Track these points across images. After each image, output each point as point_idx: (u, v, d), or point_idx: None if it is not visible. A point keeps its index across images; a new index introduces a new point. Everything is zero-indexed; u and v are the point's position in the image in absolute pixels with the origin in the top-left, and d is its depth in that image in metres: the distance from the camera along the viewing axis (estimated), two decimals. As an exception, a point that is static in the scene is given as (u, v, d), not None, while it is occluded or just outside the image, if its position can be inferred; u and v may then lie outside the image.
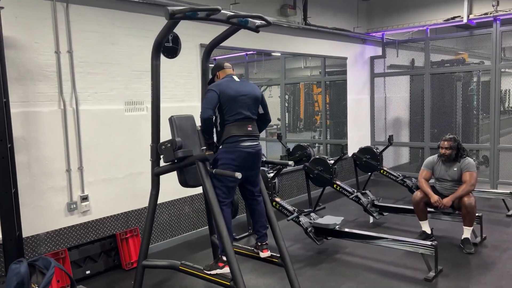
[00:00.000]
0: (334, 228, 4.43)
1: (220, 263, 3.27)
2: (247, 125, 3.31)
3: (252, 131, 3.33)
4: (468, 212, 4.41)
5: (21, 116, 3.72)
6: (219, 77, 3.49)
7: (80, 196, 4.16)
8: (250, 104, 3.36)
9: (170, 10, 2.98)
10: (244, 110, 3.31)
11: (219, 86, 3.30)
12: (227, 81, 3.36)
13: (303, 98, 10.49)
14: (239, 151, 3.26)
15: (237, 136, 3.25)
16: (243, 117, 3.30)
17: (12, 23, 3.63)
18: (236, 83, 3.37)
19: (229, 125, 3.28)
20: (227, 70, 3.49)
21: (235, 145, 3.26)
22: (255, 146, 3.34)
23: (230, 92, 3.27)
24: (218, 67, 3.51)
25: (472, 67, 7.90)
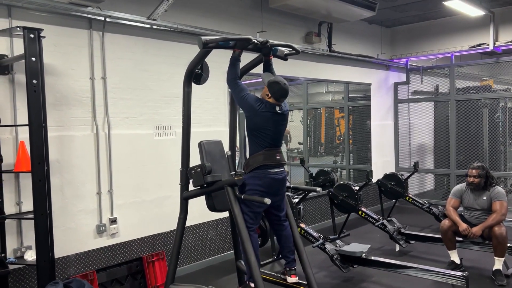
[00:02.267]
0: (360, 256, 4.38)
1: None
2: (275, 154, 3.32)
3: (280, 159, 3.35)
4: (499, 243, 4.30)
5: (56, 139, 3.85)
6: (269, 97, 3.26)
7: (109, 219, 4.24)
8: (280, 135, 3.37)
9: (204, 40, 3.09)
10: (275, 141, 3.33)
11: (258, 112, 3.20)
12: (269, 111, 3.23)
13: (324, 123, 10.53)
14: (266, 177, 3.29)
15: (266, 166, 3.28)
16: (272, 146, 3.33)
17: (51, 51, 3.81)
18: (276, 117, 3.26)
19: (259, 154, 3.28)
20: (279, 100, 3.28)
21: (263, 171, 3.29)
22: (281, 172, 3.38)
23: (264, 125, 3.23)
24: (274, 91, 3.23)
25: (499, 94, 7.82)
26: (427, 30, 7.63)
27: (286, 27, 6.00)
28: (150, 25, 4.39)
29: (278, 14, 5.74)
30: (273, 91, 3.20)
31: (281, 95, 3.21)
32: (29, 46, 3.18)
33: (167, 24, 4.49)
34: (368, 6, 5.77)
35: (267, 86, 3.24)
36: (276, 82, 3.20)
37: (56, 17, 3.84)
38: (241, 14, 5.40)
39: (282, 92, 3.21)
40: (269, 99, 3.23)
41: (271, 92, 3.21)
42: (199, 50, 3.32)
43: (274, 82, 3.21)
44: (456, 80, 7.64)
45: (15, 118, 3.63)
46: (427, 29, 7.64)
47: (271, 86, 3.21)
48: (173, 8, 4.36)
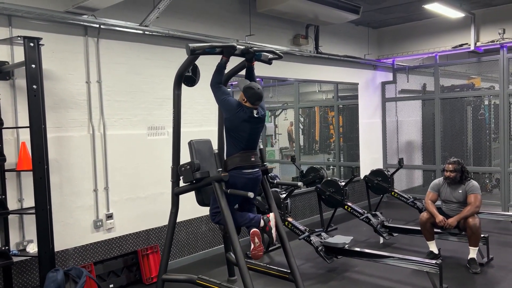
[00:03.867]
0: (343, 247, 4.64)
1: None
2: (251, 156, 3.55)
3: (254, 161, 3.58)
4: (473, 233, 4.58)
5: (55, 140, 4.09)
6: (245, 101, 3.47)
7: (105, 214, 4.49)
8: (256, 138, 3.60)
9: (191, 47, 3.34)
10: (251, 143, 3.56)
11: (236, 115, 3.43)
12: (247, 115, 3.43)
13: (318, 121, 10.77)
14: (241, 177, 3.53)
15: (241, 168, 3.52)
16: (249, 149, 3.55)
17: (49, 57, 4.05)
18: (253, 120, 3.48)
19: (235, 156, 3.51)
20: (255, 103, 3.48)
21: (238, 171, 3.53)
22: (255, 172, 3.62)
23: (241, 127, 3.45)
24: (249, 96, 3.44)
25: (481, 92, 8.12)
26: (412, 31, 7.90)
27: (274, 30, 6.25)
28: (143, 31, 4.64)
29: (266, 18, 5.99)
30: (248, 95, 3.44)
31: (256, 99, 3.46)
32: (29, 54, 3.43)
33: (158, 30, 4.73)
34: (352, 10, 6.03)
35: (242, 91, 3.48)
36: (251, 88, 3.46)
37: (54, 25, 4.08)
38: (230, 18, 5.65)
39: (257, 96, 3.45)
40: (245, 103, 3.47)
41: (246, 96, 3.45)
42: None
43: (249, 87, 3.47)
44: (443, 79, 7.92)
45: (16, 120, 3.87)
46: (412, 30, 7.90)
47: (246, 91, 3.46)
48: (164, 14, 4.60)
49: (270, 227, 3.53)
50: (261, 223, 3.54)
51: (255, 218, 3.57)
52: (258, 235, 3.47)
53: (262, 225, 3.54)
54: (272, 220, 3.53)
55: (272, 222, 3.53)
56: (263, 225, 3.54)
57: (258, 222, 3.55)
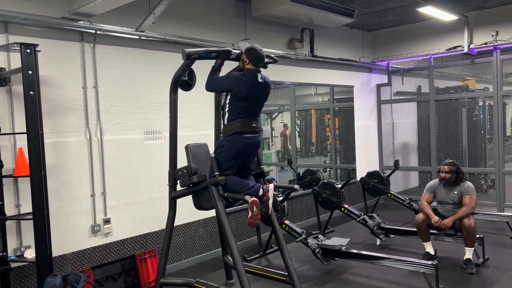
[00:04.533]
0: (340, 249, 4.67)
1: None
2: (252, 121, 3.57)
3: (255, 127, 3.60)
4: (468, 233, 4.62)
5: (51, 146, 4.11)
6: (247, 63, 3.49)
7: (103, 219, 4.50)
8: (261, 104, 3.63)
9: (187, 52, 3.37)
10: (254, 110, 3.59)
11: (242, 82, 3.44)
12: (251, 80, 3.45)
13: (315, 124, 10.82)
14: (240, 141, 3.54)
15: (242, 132, 3.53)
16: (251, 115, 3.57)
17: (46, 63, 4.06)
18: (258, 86, 3.51)
19: (236, 121, 3.51)
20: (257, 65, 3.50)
21: (238, 136, 3.54)
22: (256, 137, 3.64)
23: (249, 95, 3.47)
24: (252, 57, 3.45)
25: (475, 93, 8.17)
26: (407, 34, 7.96)
27: (270, 34, 6.29)
28: (139, 36, 4.67)
29: (261, 22, 6.03)
30: (251, 57, 3.46)
31: (258, 60, 3.47)
32: (26, 61, 3.45)
33: (154, 35, 4.76)
34: (346, 14, 6.08)
35: (244, 53, 3.49)
36: (253, 49, 3.47)
37: (50, 31, 4.10)
38: (226, 23, 5.68)
39: (260, 57, 3.47)
40: (247, 65, 3.49)
41: (249, 58, 3.47)
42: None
43: (251, 48, 3.48)
44: (438, 80, 7.99)
45: (13, 126, 3.88)
46: (406, 33, 7.97)
47: (248, 52, 3.47)
48: (160, 19, 4.63)
49: (268, 197, 3.55)
50: (260, 192, 3.55)
51: (255, 187, 3.57)
52: (257, 204, 3.47)
53: (260, 194, 3.55)
54: (270, 191, 3.55)
55: (270, 192, 3.54)
56: (262, 194, 3.56)
57: (257, 191, 3.55)
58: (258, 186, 3.58)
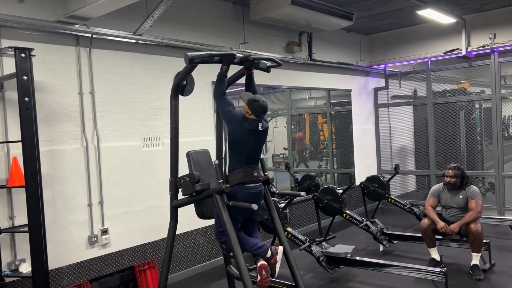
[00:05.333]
0: (345, 257, 4.56)
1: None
2: (253, 171, 3.46)
3: (257, 176, 3.49)
4: (475, 239, 4.53)
5: (47, 154, 3.95)
6: (249, 114, 3.37)
7: (100, 229, 4.34)
8: (260, 149, 3.52)
9: (190, 56, 3.25)
10: (253, 157, 3.47)
11: (241, 127, 3.33)
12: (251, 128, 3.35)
13: (308, 128, 10.74)
14: (243, 191, 3.43)
15: (244, 183, 3.42)
16: (251, 163, 3.46)
17: (40, 69, 3.91)
18: (257, 133, 3.40)
19: (238, 171, 3.41)
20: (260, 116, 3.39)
21: (241, 187, 3.43)
22: (258, 187, 3.53)
23: (244, 140, 3.36)
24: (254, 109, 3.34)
25: (473, 96, 8.13)
26: (404, 37, 7.92)
27: (268, 38, 6.19)
28: (136, 40, 4.53)
29: (259, 26, 5.93)
30: (253, 108, 3.35)
31: (261, 111, 3.37)
32: (20, 65, 3.30)
33: (152, 38, 4.63)
34: (345, 16, 6.00)
35: (247, 104, 3.39)
36: (255, 100, 3.37)
37: (44, 35, 3.96)
38: (224, 26, 5.57)
39: (262, 109, 3.37)
40: (249, 116, 3.38)
41: (251, 109, 3.36)
42: (184, 64, 3.46)
43: (253, 100, 3.38)
44: (433, 84, 7.94)
45: (6, 134, 3.72)
46: (403, 36, 7.93)
47: (250, 104, 3.37)
48: (158, 23, 4.50)
49: (276, 260, 3.43)
50: (268, 254, 3.43)
51: (263, 247, 3.44)
52: (266, 268, 3.36)
53: (268, 255, 3.43)
54: (279, 254, 3.44)
55: (279, 255, 3.43)
56: (269, 256, 3.44)
57: (265, 252, 3.43)
58: (267, 247, 3.46)
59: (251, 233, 3.70)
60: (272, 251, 3.42)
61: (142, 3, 4.47)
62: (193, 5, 5.20)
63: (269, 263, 3.39)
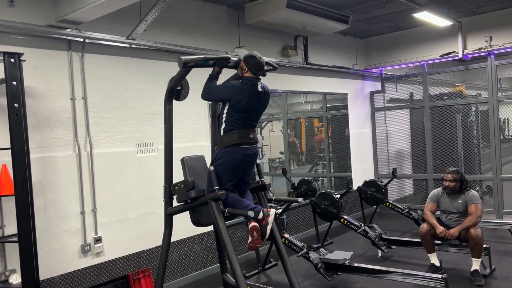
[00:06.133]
0: (344, 263, 4.48)
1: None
2: (249, 132, 3.40)
3: (253, 138, 3.43)
4: (475, 244, 4.47)
5: (38, 161, 3.85)
6: (246, 71, 3.33)
7: (93, 238, 4.24)
8: (259, 115, 3.47)
9: (184, 60, 3.17)
10: (252, 121, 3.42)
11: (241, 92, 3.26)
12: (251, 89, 3.29)
13: (304, 132, 10.69)
14: (238, 152, 3.37)
15: (239, 144, 3.35)
16: (248, 126, 3.40)
17: (31, 74, 3.83)
18: (258, 95, 3.34)
19: (233, 132, 3.34)
20: (257, 73, 3.35)
21: (236, 147, 3.36)
22: (253, 148, 3.46)
23: (249, 105, 3.30)
24: (251, 65, 3.30)
25: (470, 99, 8.09)
26: (400, 40, 7.89)
27: (263, 42, 6.13)
28: (129, 44, 4.46)
29: (254, 30, 5.87)
30: (250, 65, 3.29)
31: (258, 68, 3.30)
32: (10, 71, 3.22)
33: (146, 43, 4.56)
34: (341, 20, 5.96)
35: (243, 60, 3.32)
36: (252, 56, 3.30)
37: (35, 39, 3.87)
38: (219, 30, 5.51)
39: (259, 65, 3.30)
40: (246, 73, 3.31)
41: (248, 66, 3.29)
42: (179, 68, 3.39)
43: (250, 56, 3.31)
44: (429, 87, 7.90)
45: (-4, 141, 3.63)
46: (399, 39, 7.89)
47: (247, 60, 3.30)
48: (151, 27, 4.43)
49: (267, 222, 3.35)
50: (260, 215, 3.34)
51: (255, 209, 3.35)
52: (258, 229, 3.28)
53: (260, 217, 3.35)
54: (271, 216, 3.35)
55: (270, 218, 3.35)
56: (261, 217, 3.35)
57: (257, 213, 3.34)
58: (259, 208, 3.38)
59: (242, 194, 3.64)
60: (264, 213, 3.35)
61: (135, 7, 4.40)
62: (188, 9, 5.14)
63: (261, 225, 3.32)
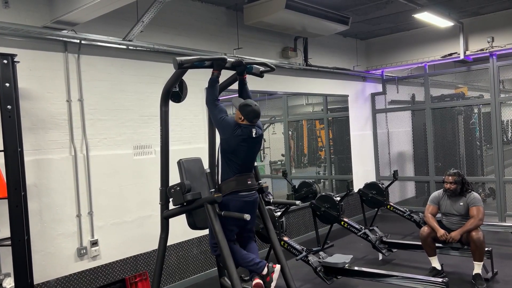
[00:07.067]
0: (343, 267, 4.41)
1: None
2: (247, 179, 3.36)
3: (251, 184, 3.39)
4: (477, 247, 4.40)
5: (33, 164, 3.81)
6: (242, 120, 3.28)
7: (90, 241, 4.20)
8: (254, 157, 3.42)
9: (179, 60, 3.13)
10: (248, 164, 3.37)
11: (233, 134, 3.22)
12: (244, 136, 3.25)
13: (306, 134, 10.64)
14: (237, 200, 3.33)
15: (237, 191, 3.32)
16: (244, 171, 3.36)
17: (26, 76, 3.79)
18: (251, 140, 3.30)
19: (231, 180, 3.31)
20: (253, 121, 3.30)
21: (234, 195, 3.33)
22: (252, 195, 3.42)
23: (239, 149, 3.26)
24: (246, 114, 3.25)
25: (472, 101, 8.02)
26: (401, 41, 7.83)
27: (262, 43, 6.09)
28: (126, 46, 4.42)
29: (254, 31, 5.83)
30: (245, 113, 3.25)
31: (254, 116, 3.27)
32: (2, 72, 3.18)
33: (143, 44, 4.52)
34: (341, 21, 5.90)
35: (238, 109, 3.28)
36: (247, 105, 3.27)
37: (30, 41, 3.84)
38: (217, 32, 5.47)
39: (254, 114, 3.27)
40: (242, 122, 3.27)
41: (243, 114, 3.25)
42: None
43: (245, 105, 3.27)
44: (431, 89, 7.84)
45: (-11, 143, 3.59)
46: (400, 41, 7.84)
47: (242, 109, 3.27)
48: (148, 28, 4.39)
49: (271, 278, 3.30)
50: (264, 271, 3.30)
51: (260, 264, 3.31)
52: (261, 286, 3.23)
53: (264, 273, 3.30)
54: (276, 273, 3.30)
55: (275, 274, 3.30)
56: (265, 273, 3.30)
57: (262, 269, 3.30)
58: (264, 264, 3.32)
59: (247, 244, 3.58)
60: (269, 268, 3.30)
61: (132, 8, 4.36)
62: (186, 10, 5.10)
63: (265, 281, 3.27)
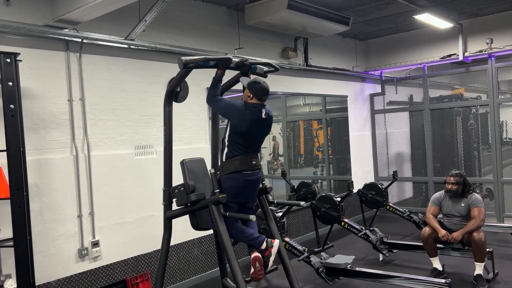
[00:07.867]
0: (345, 268, 4.41)
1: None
2: (252, 159, 3.34)
3: (255, 164, 3.38)
4: (478, 248, 4.41)
5: (34, 163, 3.78)
6: (250, 98, 3.28)
7: (91, 242, 4.17)
8: (262, 140, 3.42)
9: (184, 60, 3.11)
10: (255, 146, 3.37)
11: (243, 116, 3.20)
12: (253, 116, 3.23)
13: (303, 134, 10.64)
14: (240, 178, 3.31)
15: (241, 170, 3.29)
16: (250, 152, 3.34)
17: (28, 75, 3.75)
18: (261, 121, 3.28)
19: (235, 159, 3.28)
20: (262, 98, 3.30)
21: (238, 174, 3.30)
22: (256, 174, 3.40)
23: (250, 131, 3.24)
24: (255, 91, 3.25)
25: (471, 102, 8.04)
26: (400, 42, 7.85)
27: (263, 43, 6.08)
28: (128, 45, 4.39)
29: (254, 31, 5.81)
30: (254, 90, 3.24)
31: (263, 93, 3.26)
32: (5, 71, 3.15)
33: (145, 43, 4.49)
34: (341, 21, 5.90)
35: (247, 87, 3.27)
36: (256, 82, 3.27)
37: (32, 40, 3.80)
38: (218, 31, 5.45)
39: (264, 91, 3.26)
40: (251, 100, 3.26)
41: (252, 92, 3.25)
42: (178, 69, 3.34)
43: (254, 82, 3.27)
44: (430, 90, 7.85)
45: (-9, 143, 3.55)
46: (399, 41, 7.85)
47: (251, 86, 3.26)
48: (151, 28, 4.37)
49: (270, 253, 3.28)
50: (263, 245, 3.28)
51: (259, 239, 3.30)
52: (260, 260, 3.23)
53: (263, 247, 3.28)
54: (274, 247, 3.28)
55: (274, 249, 3.28)
56: (264, 247, 3.28)
57: (261, 243, 3.29)
58: (263, 238, 3.32)
59: (246, 221, 3.56)
60: (268, 243, 3.29)
61: (134, 8, 4.33)
62: (187, 9, 5.08)
63: (263, 255, 3.26)
